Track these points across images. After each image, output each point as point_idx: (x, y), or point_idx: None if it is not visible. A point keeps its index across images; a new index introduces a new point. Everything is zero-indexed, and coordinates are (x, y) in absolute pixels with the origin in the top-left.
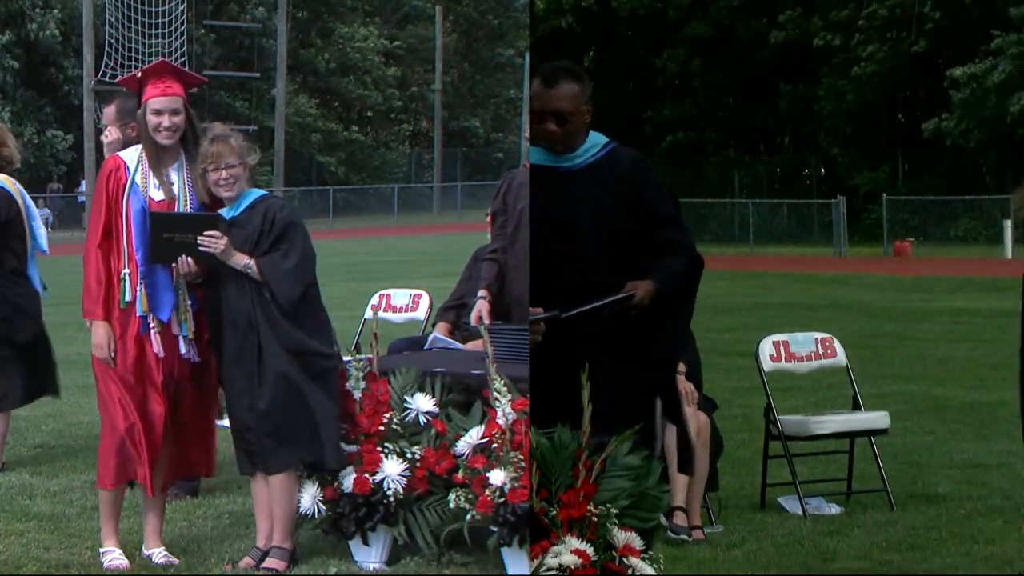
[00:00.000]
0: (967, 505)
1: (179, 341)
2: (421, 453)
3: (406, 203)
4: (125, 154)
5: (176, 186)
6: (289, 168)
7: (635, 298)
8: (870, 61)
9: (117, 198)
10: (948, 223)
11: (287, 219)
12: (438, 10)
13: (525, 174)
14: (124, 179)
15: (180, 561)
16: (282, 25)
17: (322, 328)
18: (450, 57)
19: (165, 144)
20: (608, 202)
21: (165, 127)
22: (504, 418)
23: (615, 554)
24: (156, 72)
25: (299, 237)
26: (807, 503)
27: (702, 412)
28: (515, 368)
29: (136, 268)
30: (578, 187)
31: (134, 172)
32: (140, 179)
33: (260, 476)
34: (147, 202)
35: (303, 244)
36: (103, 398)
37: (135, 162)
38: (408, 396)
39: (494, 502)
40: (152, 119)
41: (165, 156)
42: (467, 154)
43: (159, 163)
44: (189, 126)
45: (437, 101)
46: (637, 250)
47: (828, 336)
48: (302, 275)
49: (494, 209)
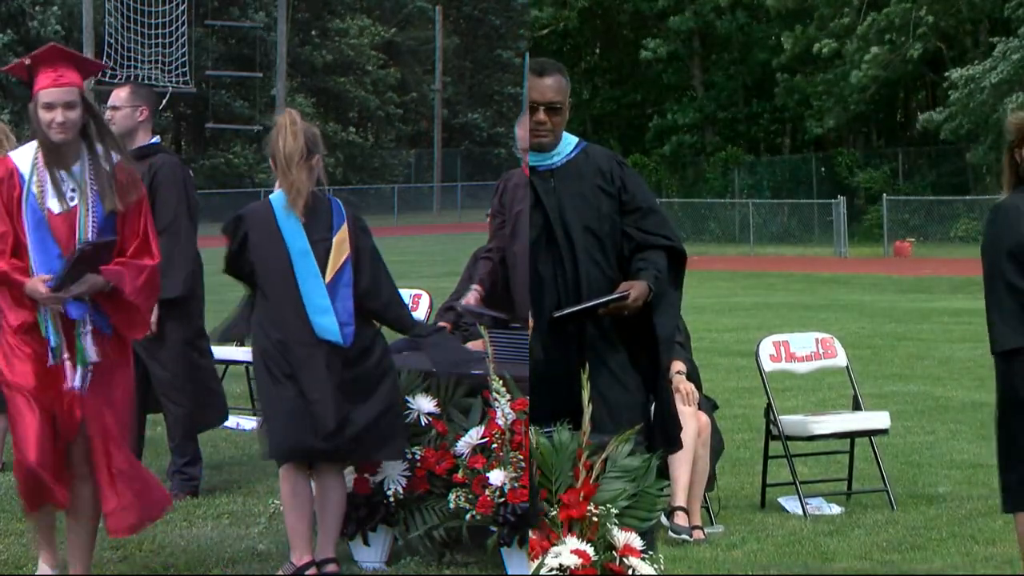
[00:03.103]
0: (967, 505)
1: (67, 367)
2: (421, 453)
3: (406, 203)
4: (17, 156)
5: (78, 194)
6: None
7: (629, 298)
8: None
9: (12, 210)
10: (948, 223)
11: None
12: (438, 10)
13: (521, 175)
14: (18, 188)
15: (180, 561)
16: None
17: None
18: (450, 57)
19: (58, 141)
20: (591, 197)
21: (58, 123)
22: (504, 418)
23: (615, 554)
24: (47, 58)
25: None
26: (807, 503)
27: (702, 412)
28: (515, 368)
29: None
30: (560, 185)
31: (29, 178)
32: (36, 187)
33: (302, 485)
34: (45, 215)
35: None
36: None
37: (30, 166)
38: (409, 397)
39: (494, 502)
40: (44, 114)
41: (63, 156)
42: (467, 153)
43: (57, 164)
44: (92, 120)
45: (437, 101)
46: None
47: (828, 336)
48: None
49: (492, 210)
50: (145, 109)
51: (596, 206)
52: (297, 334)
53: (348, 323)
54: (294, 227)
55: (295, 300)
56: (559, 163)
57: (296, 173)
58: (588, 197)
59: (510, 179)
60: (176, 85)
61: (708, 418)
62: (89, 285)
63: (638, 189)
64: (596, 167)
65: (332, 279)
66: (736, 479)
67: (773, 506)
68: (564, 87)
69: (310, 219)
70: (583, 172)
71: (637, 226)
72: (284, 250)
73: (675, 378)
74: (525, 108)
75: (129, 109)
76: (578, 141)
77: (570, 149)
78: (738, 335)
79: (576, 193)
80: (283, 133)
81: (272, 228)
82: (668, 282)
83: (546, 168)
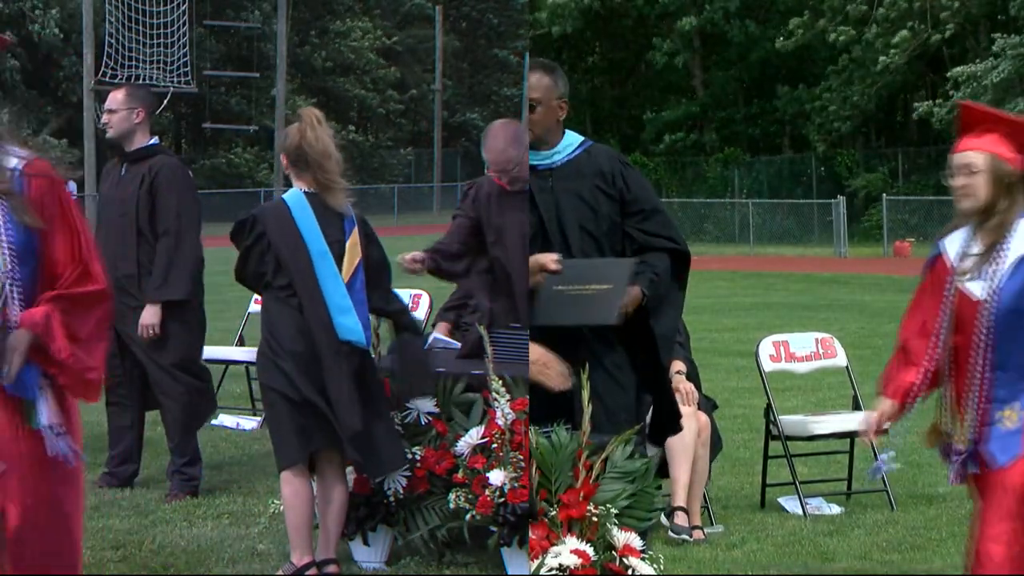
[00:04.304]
0: (967, 505)
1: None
2: (421, 453)
3: (406, 203)
4: None
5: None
6: None
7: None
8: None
9: None
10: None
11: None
12: (438, 10)
13: (492, 184)
14: None
15: (180, 561)
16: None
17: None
18: (449, 57)
19: None
20: (589, 198)
21: None
22: (504, 418)
23: (615, 554)
24: None
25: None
26: (807, 503)
27: (702, 412)
28: (515, 368)
29: None
30: (558, 184)
31: None
32: None
33: (304, 485)
34: None
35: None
36: None
37: None
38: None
39: (494, 502)
40: None
41: None
42: (467, 153)
43: None
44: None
45: (437, 101)
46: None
47: (828, 336)
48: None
49: (459, 212)
50: (141, 111)
51: (594, 206)
52: (320, 335)
53: (367, 326)
54: (312, 227)
55: (318, 301)
56: (559, 162)
57: (331, 167)
58: (586, 197)
59: (482, 187)
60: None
61: (708, 418)
62: (18, 352)
63: (641, 190)
64: (597, 168)
65: (348, 282)
66: (736, 479)
67: (773, 506)
68: (546, 84)
69: (322, 220)
70: (583, 172)
71: (639, 228)
72: (305, 251)
73: (675, 378)
74: (525, 108)
75: (125, 112)
76: (582, 140)
77: (572, 149)
78: (738, 335)
79: (574, 193)
80: (315, 129)
81: (291, 228)
82: (670, 283)
83: (545, 167)
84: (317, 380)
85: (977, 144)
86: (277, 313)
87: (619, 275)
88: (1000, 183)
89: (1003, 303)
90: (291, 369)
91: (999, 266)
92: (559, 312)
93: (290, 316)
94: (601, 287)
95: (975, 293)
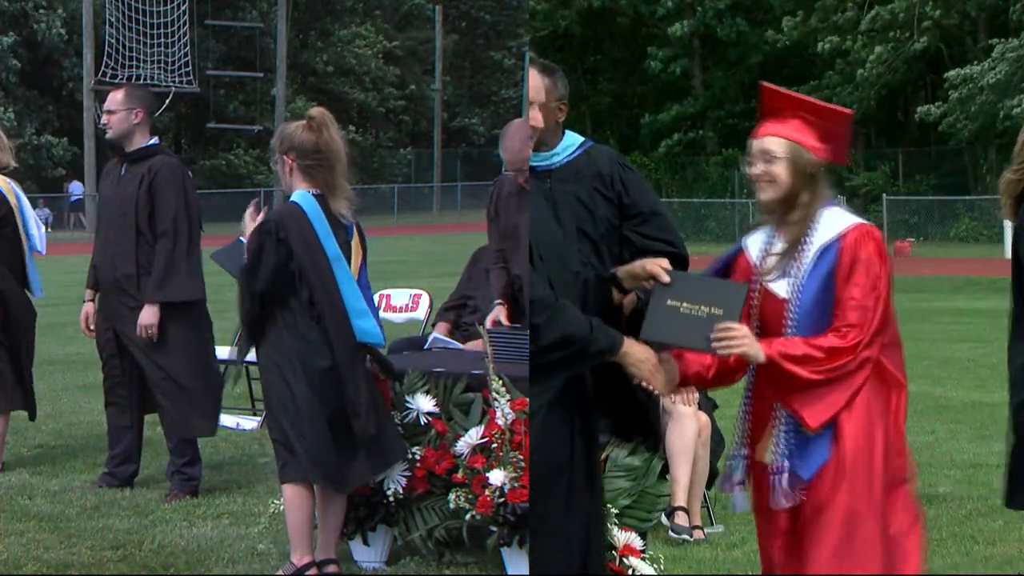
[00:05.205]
0: (967, 505)
1: None
2: (421, 453)
3: (406, 203)
4: None
5: None
6: None
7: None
8: (876, 62)
9: None
10: (948, 223)
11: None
12: (438, 10)
13: (512, 183)
14: None
15: (180, 561)
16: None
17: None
18: (449, 57)
19: None
20: (587, 200)
21: None
22: (504, 418)
23: (615, 554)
24: None
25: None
26: None
27: (703, 412)
28: (515, 368)
29: None
30: (556, 186)
31: None
32: None
33: (304, 485)
34: None
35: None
36: None
37: None
38: (408, 396)
39: (494, 502)
40: None
41: None
42: (467, 154)
43: None
44: None
45: (437, 101)
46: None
47: None
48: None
49: (488, 216)
50: (141, 111)
51: (591, 209)
52: (339, 342)
53: (380, 324)
54: (326, 229)
55: (338, 306)
56: (558, 164)
57: (342, 171)
58: (584, 199)
59: (503, 186)
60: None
61: (708, 418)
62: None
63: (639, 193)
64: (596, 169)
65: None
66: None
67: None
68: (543, 85)
69: (331, 223)
70: (582, 174)
71: (637, 231)
72: (323, 255)
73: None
74: (525, 108)
75: (124, 112)
76: (582, 142)
77: (572, 150)
78: None
79: (572, 195)
80: (332, 129)
81: (308, 233)
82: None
83: (544, 169)
84: (338, 390)
85: (778, 130)
86: (299, 327)
87: (734, 301)
88: (802, 173)
89: (805, 299)
90: (317, 385)
91: (801, 262)
92: (669, 329)
93: (311, 331)
94: (714, 311)
95: (780, 293)
